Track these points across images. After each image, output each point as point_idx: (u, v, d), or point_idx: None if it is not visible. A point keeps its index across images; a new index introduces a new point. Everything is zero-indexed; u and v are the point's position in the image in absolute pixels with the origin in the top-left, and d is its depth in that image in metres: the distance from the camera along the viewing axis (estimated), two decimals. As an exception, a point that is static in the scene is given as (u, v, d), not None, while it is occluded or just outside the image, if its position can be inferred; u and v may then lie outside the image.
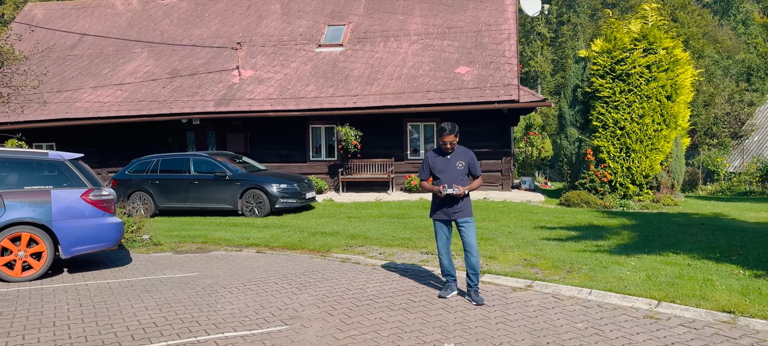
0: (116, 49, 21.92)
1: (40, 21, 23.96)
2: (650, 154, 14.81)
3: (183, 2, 23.68)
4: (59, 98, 19.63)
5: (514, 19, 19.20)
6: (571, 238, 9.69)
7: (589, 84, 15.63)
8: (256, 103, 17.84)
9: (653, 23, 15.50)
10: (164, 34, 22.19)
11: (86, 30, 23.25)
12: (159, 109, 18.31)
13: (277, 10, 22.02)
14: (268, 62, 19.66)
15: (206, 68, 19.83)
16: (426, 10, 20.44)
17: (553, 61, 50.53)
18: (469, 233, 6.23)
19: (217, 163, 14.40)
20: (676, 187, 15.76)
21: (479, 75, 17.18)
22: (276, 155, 18.62)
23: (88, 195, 7.92)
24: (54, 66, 21.55)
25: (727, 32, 47.23)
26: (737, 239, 9.31)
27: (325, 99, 17.50)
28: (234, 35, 21.11)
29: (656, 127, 14.77)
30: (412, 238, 9.94)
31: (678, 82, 14.75)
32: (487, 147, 17.25)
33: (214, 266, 8.38)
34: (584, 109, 15.90)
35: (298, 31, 20.79)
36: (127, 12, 24.04)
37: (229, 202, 14.05)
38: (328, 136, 18.57)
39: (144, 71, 20.40)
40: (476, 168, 6.35)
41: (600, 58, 15.32)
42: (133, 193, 14.65)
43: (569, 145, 16.03)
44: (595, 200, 14.69)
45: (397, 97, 17.04)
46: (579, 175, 15.66)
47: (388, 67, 18.35)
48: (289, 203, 13.98)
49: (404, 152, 18.08)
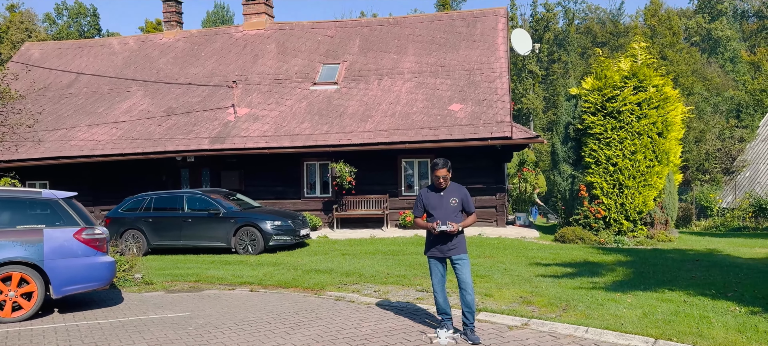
0: (112, 87, 22.05)
1: (36, 60, 24.13)
2: (643, 191, 14.89)
3: (179, 42, 23.94)
4: (54, 136, 19.64)
5: (506, 58, 19.49)
6: (566, 275, 9.66)
7: (580, 121, 15.79)
8: (251, 140, 17.90)
9: (643, 62, 15.77)
10: (160, 73, 22.37)
11: (82, 69, 23.42)
12: (154, 147, 18.33)
13: (272, 50, 22.28)
14: (264, 100, 19.81)
15: (202, 106, 19.95)
16: (419, 50, 20.74)
17: (545, 98, 51.10)
18: (464, 271, 6.21)
19: (210, 201, 14.36)
20: (670, 223, 15.80)
21: (472, 112, 17.34)
22: (271, 192, 18.59)
23: (81, 234, 7.87)
24: (49, 104, 21.62)
25: (716, 69, 48.03)
26: (732, 275, 9.31)
27: (320, 136, 17.59)
28: (230, 74, 21.30)
29: (648, 164, 14.89)
30: (408, 275, 9.88)
31: (669, 119, 14.93)
32: (481, 183, 17.30)
33: (207, 305, 8.29)
34: (576, 146, 16.03)
35: (294, 70, 21.01)
36: (123, 51, 24.26)
37: (222, 239, 13.96)
38: (323, 172, 18.60)
39: (139, 109, 20.49)
40: (470, 205, 6.37)
41: (591, 95, 15.52)
42: (126, 231, 14.55)
43: (562, 182, 16.11)
44: (589, 237, 14.70)
45: (391, 134, 17.14)
46: (573, 211, 15.69)
47: (382, 105, 18.52)
48: (283, 240, 13.91)
49: (399, 188, 18.10)
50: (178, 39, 24.09)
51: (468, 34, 20.81)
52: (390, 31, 21.93)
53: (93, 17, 54.14)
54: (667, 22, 47.48)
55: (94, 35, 52.40)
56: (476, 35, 20.68)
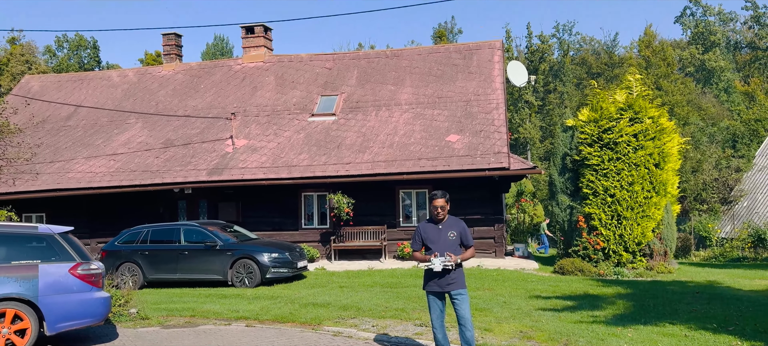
0: (111, 120, 22.12)
1: (36, 93, 24.24)
2: (642, 222, 14.87)
3: (179, 74, 24.11)
4: (51, 169, 19.63)
5: (502, 89, 19.64)
6: (566, 308, 9.58)
7: (577, 152, 15.85)
8: (248, 171, 17.90)
9: (638, 93, 15.90)
10: (159, 105, 22.47)
11: (82, 101, 23.52)
12: (151, 179, 18.31)
13: (271, 82, 22.44)
14: (262, 131, 19.87)
15: (200, 138, 20.00)
16: (416, 81, 20.90)
17: (542, 128, 51.37)
18: (463, 306, 6.16)
19: (207, 233, 14.29)
20: (669, 254, 15.75)
21: (470, 143, 17.40)
22: (268, 224, 18.52)
23: (77, 269, 7.80)
24: (48, 137, 21.65)
25: (711, 99, 48.42)
26: (733, 308, 9.24)
27: (318, 167, 17.60)
28: (228, 106, 21.40)
29: (646, 195, 14.90)
30: (406, 308, 9.79)
31: (665, 150, 14.99)
32: (479, 214, 17.26)
33: (202, 341, 8.18)
34: (574, 177, 16.05)
35: (292, 101, 21.13)
36: (122, 83, 24.40)
37: (218, 272, 13.85)
38: (321, 203, 18.56)
39: (138, 141, 20.52)
40: (468, 238, 6.35)
41: (587, 127, 15.60)
42: (121, 264, 14.44)
43: (561, 212, 16.09)
44: (589, 268, 14.63)
45: (389, 165, 17.16)
46: (572, 242, 15.64)
47: (380, 136, 18.58)
48: (280, 273, 13.80)
49: (397, 219, 18.05)
50: (178, 71, 24.26)
51: (464, 66, 21.01)
52: (387, 63, 22.12)
53: (93, 50, 54.59)
54: (661, 53, 48.01)
55: (94, 67, 52.79)
56: (473, 67, 20.87)
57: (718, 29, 58.57)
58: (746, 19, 59.66)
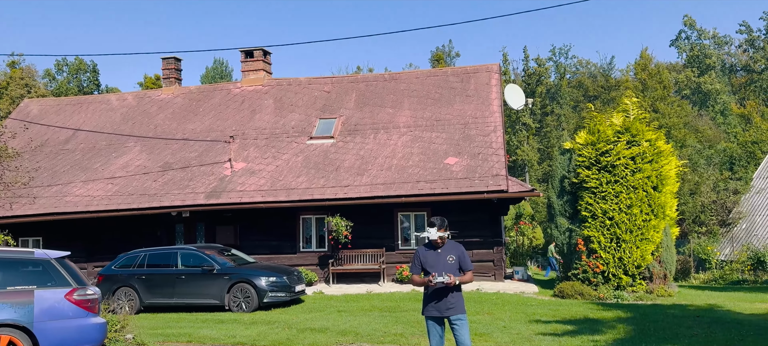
0: (109, 143, 22.13)
1: (35, 116, 24.29)
2: (641, 245, 14.83)
3: (178, 98, 24.19)
4: (49, 192, 19.57)
5: (500, 112, 19.73)
6: (567, 332, 9.51)
7: (575, 175, 15.86)
8: (247, 194, 17.87)
9: (635, 116, 15.97)
10: (158, 128, 22.51)
11: (80, 125, 23.55)
12: (149, 203, 18.26)
13: (270, 105, 22.52)
14: (260, 154, 19.89)
15: (198, 161, 20.00)
16: (414, 104, 20.99)
17: (540, 150, 51.50)
18: (463, 332, 6.10)
19: (205, 257, 14.21)
20: (668, 277, 15.69)
21: (468, 165, 17.42)
22: (266, 247, 18.43)
23: (73, 295, 7.73)
24: (46, 160, 21.64)
25: (707, 122, 48.66)
26: (734, 332, 9.17)
27: (316, 190, 17.58)
28: (227, 129, 21.44)
29: (645, 218, 14.88)
30: (405, 333, 9.70)
31: (663, 173, 15.01)
32: (478, 237, 17.21)
33: (200, 367, 8.08)
34: (572, 199, 16.05)
35: (291, 125, 21.18)
36: (121, 107, 24.47)
37: (216, 297, 13.75)
38: (319, 226, 18.51)
39: (136, 165, 20.51)
40: (467, 262, 6.32)
41: (585, 149, 15.64)
42: (118, 288, 14.33)
43: (560, 235, 16.06)
44: (589, 292, 14.55)
45: (387, 188, 17.16)
46: (571, 265, 15.58)
47: (378, 158, 18.60)
48: (278, 297, 13.71)
49: (395, 242, 17.98)
50: (177, 95, 24.34)
51: (462, 90, 21.12)
52: (386, 86, 22.24)
53: (93, 73, 54.85)
54: (657, 76, 48.35)
55: (93, 91, 52.96)
56: (470, 90, 20.99)
57: (713, 52, 59.11)
58: (741, 42, 60.27)
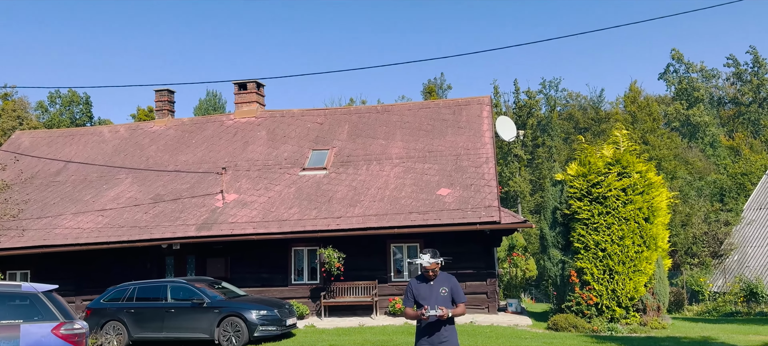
0: (100, 175, 22.03)
1: (26, 149, 24.19)
2: (634, 276, 14.81)
3: (170, 129, 24.20)
4: (38, 225, 19.38)
5: (492, 143, 19.85)
6: (560, 365, 9.40)
7: (567, 206, 15.91)
8: (238, 226, 17.76)
9: (625, 148, 16.10)
10: (150, 160, 22.46)
11: (72, 157, 23.46)
12: (139, 235, 18.10)
13: (263, 136, 22.56)
14: (253, 186, 19.84)
15: (190, 193, 19.92)
16: (407, 136, 21.10)
17: (532, 181, 51.71)
18: (456, 365, 6.03)
19: (195, 290, 14.06)
20: (662, 309, 15.64)
21: (460, 197, 17.44)
22: (257, 279, 18.26)
23: (59, 329, 7.61)
24: (36, 192, 21.48)
25: (697, 154, 49.12)
26: (728, 364, 9.11)
27: (309, 221, 17.51)
28: (219, 160, 21.42)
29: (637, 249, 14.89)
30: (397, 368, 9.57)
31: (654, 205, 15.08)
32: (471, 268, 17.14)
33: (188, 402, 7.92)
34: (565, 231, 16.06)
35: (283, 156, 21.20)
36: (113, 139, 24.44)
37: (205, 331, 13.56)
38: (311, 258, 18.38)
39: (127, 197, 20.39)
40: (460, 294, 6.28)
41: (576, 181, 15.72)
42: (107, 322, 14.12)
43: (553, 267, 16.02)
44: (582, 324, 14.46)
45: (380, 219, 17.11)
46: (565, 297, 15.51)
47: (371, 190, 18.60)
48: (269, 331, 13.53)
49: (388, 274, 17.87)
50: (169, 127, 24.36)
51: (454, 121, 21.27)
52: (378, 118, 22.37)
53: (86, 105, 54.87)
54: (646, 108, 48.93)
55: (86, 123, 52.94)
56: (462, 122, 21.14)
57: (701, 85, 60.02)
58: (728, 75, 61.27)
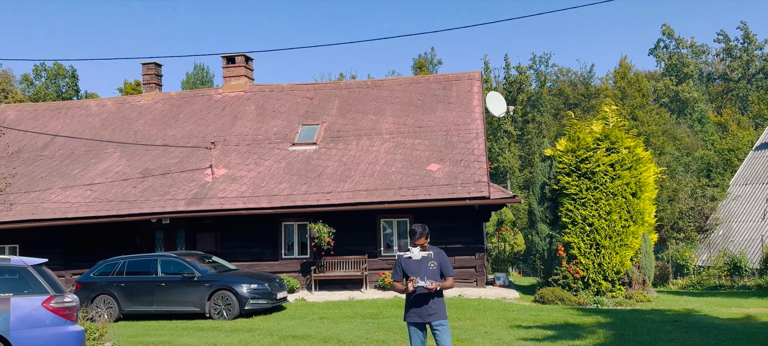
0: (88, 149, 21.85)
1: (12, 122, 23.89)
2: (620, 251, 15.01)
3: (158, 103, 23.99)
4: (26, 199, 19.26)
5: (482, 119, 19.87)
6: (547, 338, 9.58)
7: (556, 181, 16.02)
8: (228, 201, 17.75)
9: (614, 124, 16.19)
10: (138, 134, 22.28)
11: (59, 131, 23.23)
12: (129, 209, 18.05)
13: (252, 111, 22.43)
14: (242, 161, 19.78)
15: (179, 167, 19.83)
16: (397, 111, 21.06)
17: (521, 157, 51.95)
18: (444, 337, 6.13)
19: (185, 264, 14.09)
20: (647, 282, 15.88)
21: (450, 172, 17.51)
22: (247, 254, 18.31)
23: (50, 302, 7.62)
24: (23, 167, 21.29)
25: (685, 130, 49.47)
26: (711, 337, 9.32)
27: (299, 196, 17.53)
28: (208, 135, 21.30)
29: (624, 224, 15.07)
30: (387, 339, 9.70)
31: (642, 180, 15.22)
32: (460, 243, 17.29)
33: (180, 375, 8.00)
34: (553, 206, 16.20)
35: (273, 131, 21.11)
36: (101, 113, 24.19)
37: (196, 304, 13.63)
38: (301, 233, 18.44)
39: (115, 171, 20.28)
40: (448, 268, 6.36)
41: (565, 157, 15.81)
42: (97, 296, 14.14)
43: (541, 241, 16.19)
44: (569, 297, 14.68)
45: (370, 194, 17.16)
46: (552, 270, 15.71)
47: (361, 165, 18.61)
48: (260, 304, 13.62)
49: (378, 249, 17.99)
50: (157, 100, 24.14)
51: (444, 97, 21.25)
52: (368, 93, 22.29)
53: (72, 78, 54.16)
54: (636, 84, 49.09)
55: (72, 96, 52.30)
56: (452, 98, 21.12)
57: (690, 61, 60.19)
58: (718, 51, 61.47)
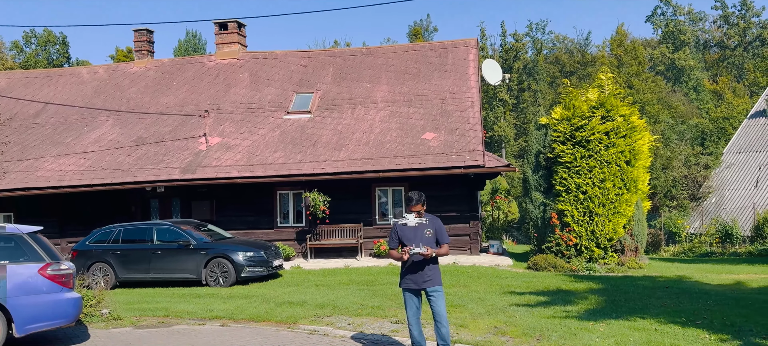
0: (81, 117, 21.68)
1: (2, 89, 23.63)
2: (613, 218, 15.12)
3: (150, 71, 23.74)
4: (19, 167, 19.17)
5: (477, 87, 19.78)
6: (540, 303, 9.71)
7: (551, 150, 16.04)
8: (223, 169, 17.72)
9: (610, 92, 16.15)
10: (131, 102, 22.10)
11: (50, 98, 23.00)
12: (123, 178, 18.01)
13: (245, 79, 22.24)
14: (236, 129, 19.69)
15: (172, 136, 19.72)
16: (392, 79, 20.93)
17: (516, 125, 51.92)
18: (439, 303, 6.20)
19: (181, 232, 14.12)
20: (639, 249, 16.04)
21: (445, 141, 17.49)
22: (243, 222, 18.36)
23: (46, 270, 7.64)
24: (15, 135, 21.13)
25: (680, 98, 49.44)
26: (702, 302, 9.47)
27: (294, 165, 17.52)
28: (202, 103, 21.14)
29: (617, 192, 15.15)
30: (382, 306, 9.81)
31: (636, 148, 15.26)
32: (454, 211, 17.38)
33: (176, 341, 8.09)
34: (547, 174, 16.25)
35: (267, 99, 20.97)
36: (92, 80, 23.93)
37: (192, 272, 13.70)
38: (296, 202, 18.47)
39: (109, 139, 20.16)
40: (444, 235, 6.40)
41: (560, 125, 15.80)
42: (93, 264, 14.19)
43: (535, 209, 16.28)
44: (561, 264, 14.83)
45: (365, 163, 17.16)
46: (545, 238, 15.84)
47: (356, 134, 18.56)
48: (256, 272, 13.71)
49: (373, 217, 18.06)
50: (149, 68, 23.88)
51: (440, 65, 21.10)
52: (363, 61, 22.10)
53: (62, 45, 53.43)
54: (632, 51, 48.86)
55: (63, 64, 51.68)
56: (448, 65, 20.98)
57: (687, 29, 59.84)
58: (715, 18, 61.08)
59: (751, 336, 7.10)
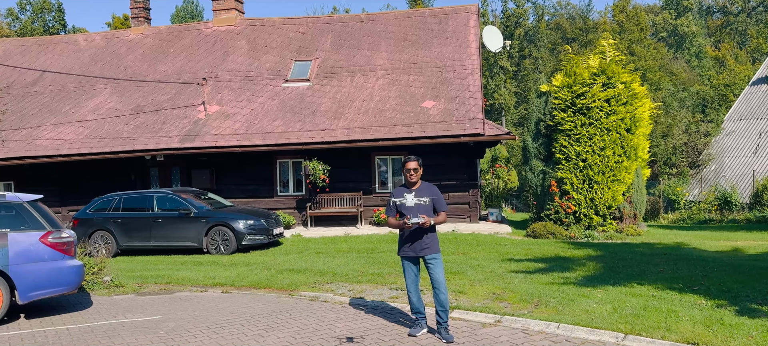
0: (78, 85, 21.55)
1: None
2: (612, 186, 15.14)
3: (147, 38, 23.50)
4: (18, 136, 19.12)
5: (478, 55, 19.61)
6: (538, 270, 9.78)
7: (551, 117, 15.98)
8: (222, 138, 17.68)
9: (611, 59, 16.02)
10: (128, 70, 21.94)
11: (47, 66, 22.83)
12: (122, 146, 17.98)
13: (243, 46, 22.03)
14: (235, 97, 19.58)
15: (171, 104, 19.63)
16: (391, 47, 20.73)
17: (516, 93, 51.65)
18: (437, 270, 6.24)
19: (181, 201, 14.16)
20: (638, 217, 16.11)
21: (445, 109, 17.42)
22: (243, 191, 18.41)
23: (47, 238, 7.68)
24: (13, 103, 21.03)
25: (682, 65, 49.11)
26: (699, 268, 9.54)
27: (293, 133, 17.47)
28: (199, 71, 20.99)
29: (617, 159, 15.14)
30: (382, 273, 9.89)
31: (637, 116, 15.20)
32: (454, 180, 17.41)
33: (178, 308, 8.17)
34: (547, 142, 16.22)
35: (265, 67, 20.81)
36: (89, 48, 23.72)
37: (194, 240, 13.78)
38: (296, 170, 18.48)
39: (107, 108, 20.07)
40: (441, 203, 6.41)
41: (561, 92, 15.71)
42: (94, 232, 14.26)
43: (534, 177, 16.30)
44: (560, 231, 14.90)
45: (364, 131, 17.12)
46: (544, 206, 15.89)
47: (355, 102, 18.47)
48: (256, 240, 13.79)
49: (372, 186, 18.09)
50: (146, 35, 23.65)
51: (440, 31, 20.88)
52: (362, 28, 21.87)
53: (58, 13, 52.85)
54: (634, 18, 48.39)
55: (59, 31, 51.16)
56: (448, 32, 20.76)
57: (690, -6, 59.10)
58: (718, -16, 60.26)
59: (747, 302, 7.17)
